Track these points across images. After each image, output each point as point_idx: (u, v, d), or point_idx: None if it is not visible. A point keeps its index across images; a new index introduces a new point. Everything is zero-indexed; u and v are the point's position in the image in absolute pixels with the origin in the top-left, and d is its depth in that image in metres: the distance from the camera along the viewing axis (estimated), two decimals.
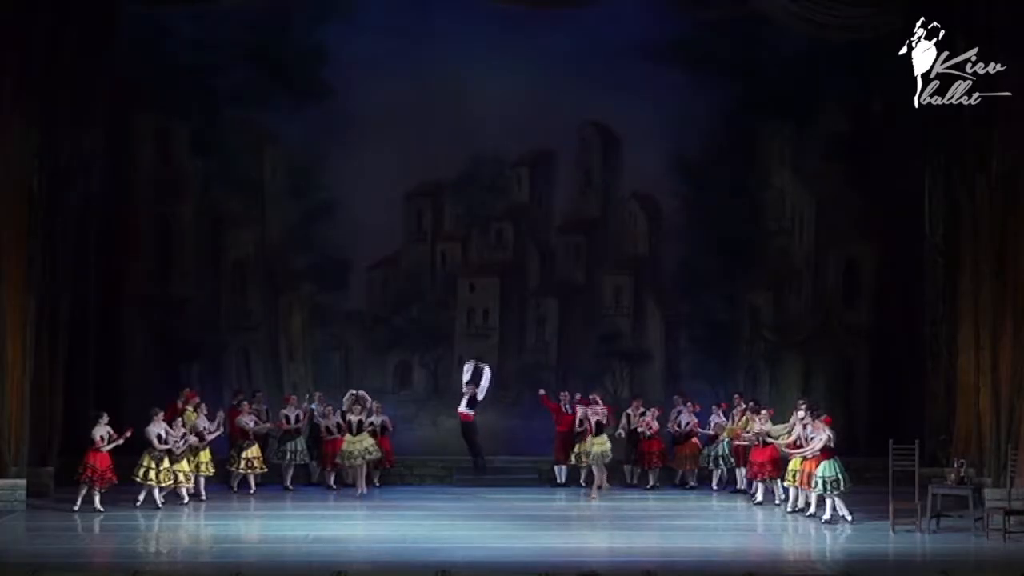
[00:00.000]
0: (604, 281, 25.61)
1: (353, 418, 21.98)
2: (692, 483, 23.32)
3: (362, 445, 21.90)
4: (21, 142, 20.90)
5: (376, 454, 22.15)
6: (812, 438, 19.61)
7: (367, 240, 24.98)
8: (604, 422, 22.54)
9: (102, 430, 20.28)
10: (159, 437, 20.49)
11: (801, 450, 19.80)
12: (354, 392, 22.67)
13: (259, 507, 21.34)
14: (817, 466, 19.51)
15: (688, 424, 23.23)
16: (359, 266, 25.19)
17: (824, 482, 19.39)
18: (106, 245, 23.60)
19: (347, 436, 21.94)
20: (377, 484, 22.92)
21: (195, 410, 21.94)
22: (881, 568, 17.38)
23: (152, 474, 20.42)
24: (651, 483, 23.28)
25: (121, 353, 24.36)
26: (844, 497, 19.48)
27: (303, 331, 25.20)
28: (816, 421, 19.72)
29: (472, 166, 25.26)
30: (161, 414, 20.85)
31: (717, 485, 23.17)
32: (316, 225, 25.00)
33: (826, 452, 19.45)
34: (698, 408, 23.48)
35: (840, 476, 19.37)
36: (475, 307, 25.48)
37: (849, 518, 19.44)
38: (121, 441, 20.34)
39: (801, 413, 20.33)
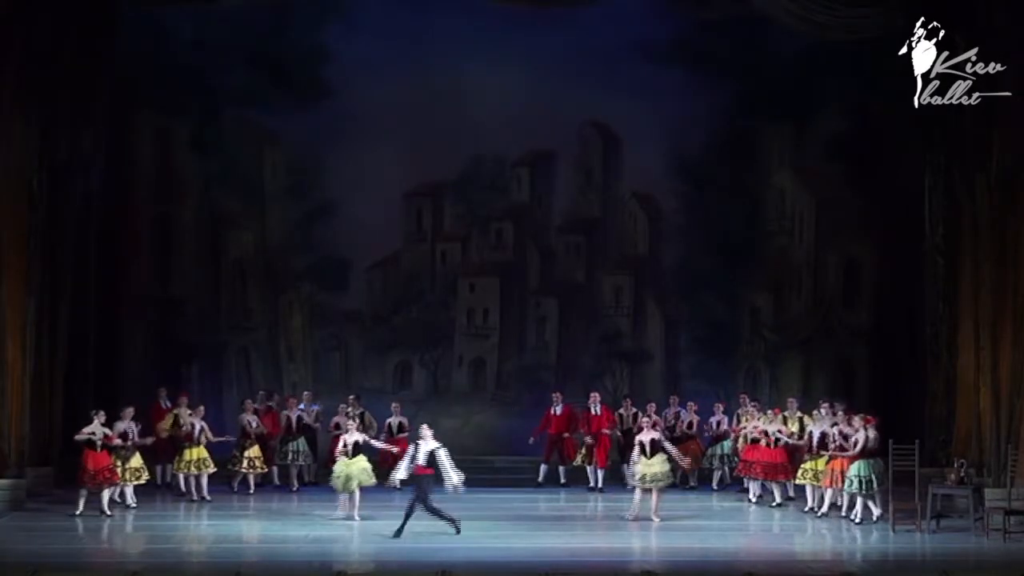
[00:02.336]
0: (604, 281, 25.63)
1: (351, 439, 20.21)
2: (692, 483, 23.30)
3: (359, 467, 20.00)
4: (21, 142, 20.89)
5: (371, 480, 20.24)
6: (852, 438, 19.50)
7: (367, 240, 25.00)
8: (659, 441, 20.30)
9: (92, 427, 19.94)
10: (123, 435, 20.19)
11: (849, 452, 19.55)
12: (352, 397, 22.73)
13: (259, 507, 21.32)
14: (850, 465, 19.48)
15: (691, 424, 23.20)
16: (359, 266, 25.21)
17: (860, 481, 19.30)
18: (106, 245, 23.60)
19: (343, 458, 19.99)
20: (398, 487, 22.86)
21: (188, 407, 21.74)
22: (881, 568, 17.39)
23: (119, 471, 20.09)
24: None
25: (121, 353, 24.37)
26: (870, 497, 19.42)
27: (303, 331, 25.21)
28: (856, 420, 19.66)
29: (472, 166, 25.28)
30: (131, 411, 20.52)
31: (717, 485, 23.18)
32: (316, 225, 25.02)
33: (861, 452, 19.39)
34: (696, 408, 23.45)
35: (873, 476, 19.29)
36: (475, 307, 25.49)
37: (858, 520, 19.38)
38: (115, 442, 20.21)
39: (824, 408, 20.38)
